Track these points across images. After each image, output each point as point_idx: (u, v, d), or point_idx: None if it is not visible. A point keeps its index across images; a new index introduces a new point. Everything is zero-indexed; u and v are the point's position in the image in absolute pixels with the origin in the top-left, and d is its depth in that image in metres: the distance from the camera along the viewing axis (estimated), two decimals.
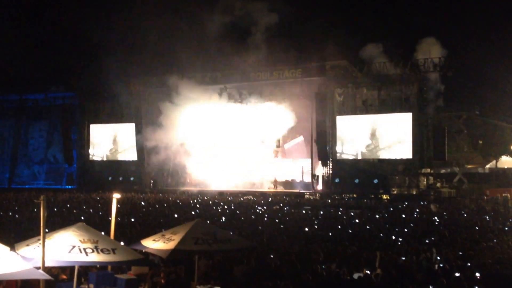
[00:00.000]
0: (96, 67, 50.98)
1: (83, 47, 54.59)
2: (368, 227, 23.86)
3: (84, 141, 59.54)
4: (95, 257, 11.60)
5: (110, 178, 55.28)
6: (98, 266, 13.57)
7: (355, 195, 44.29)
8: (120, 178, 55.06)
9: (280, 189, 49.24)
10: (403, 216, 28.79)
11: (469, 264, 15.18)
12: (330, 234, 21.53)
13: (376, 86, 47.16)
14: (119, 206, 15.93)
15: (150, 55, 49.78)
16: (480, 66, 44.76)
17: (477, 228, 23.34)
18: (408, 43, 46.26)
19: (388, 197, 43.29)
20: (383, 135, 46.59)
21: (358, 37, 46.81)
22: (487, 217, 28.20)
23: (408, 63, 45.49)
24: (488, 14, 48.67)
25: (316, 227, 23.95)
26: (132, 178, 54.81)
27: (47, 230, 11.27)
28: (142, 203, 36.35)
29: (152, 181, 54.64)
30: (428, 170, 45.84)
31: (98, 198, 39.64)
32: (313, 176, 49.52)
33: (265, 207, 33.69)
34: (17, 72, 59.35)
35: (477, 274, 13.41)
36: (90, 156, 59.44)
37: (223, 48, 47.58)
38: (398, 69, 46.04)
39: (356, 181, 46.49)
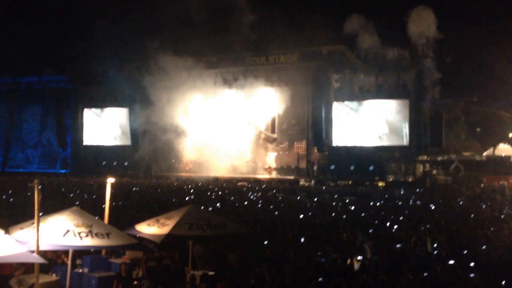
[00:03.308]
0: (90, 51, 50.64)
1: (77, 30, 54.19)
2: (363, 214, 23.81)
3: (78, 125, 59.20)
4: (89, 241, 11.58)
5: (104, 163, 55.03)
6: (92, 250, 13.52)
7: (350, 182, 44.17)
8: (114, 163, 54.82)
9: (275, 175, 49.14)
10: (399, 203, 28.76)
11: (464, 251, 15.15)
12: (325, 220, 21.48)
13: (373, 71, 46.86)
14: (113, 191, 15.83)
15: (145, 39, 49.48)
16: (479, 53, 44.62)
17: (473, 216, 23.28)
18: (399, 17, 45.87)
19: (384, 184, 43.21)
20: (380, 121, 46.31)
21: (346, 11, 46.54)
22: (484, 205, 28.16)
23: (407, 48, 45.27)
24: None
25: (310, 213, 23.89)
26: (126, 163, 54.60)
27: (41, 214, 11.19)
28: (136, 188, 36.25)
29: (146, 166, 54.47)
30: (425, 157, 45.69)
31: (92, 182, 39.52)
32: (309, 162, 49.38)
33: (259, 194, 33.63)
34: (10, 55, 58.79)
35: (472, 264, 13.34)
36: (84, 141, 59.17)
37: (218, 31, 47.43)
38: (396, 51, 45.71)
39: (352, 167, 46.25)
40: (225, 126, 50.81)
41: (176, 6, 46.81)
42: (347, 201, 29.87)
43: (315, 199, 30.65)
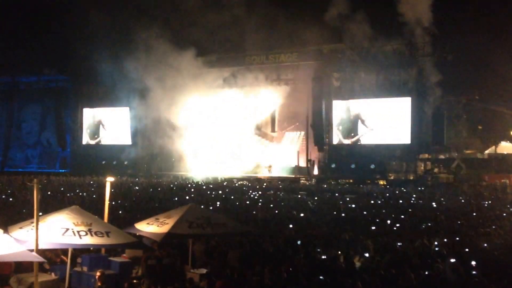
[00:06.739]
0: (89, 50, 50.52)
1: (76, 30, 53.91)
2: (364, 212, 23.72)
3: (77, 125, 59.27)
4: (88, 240, 11.58)
5: (103, 162, 54.98)
6: (91, 249, 13.49)
7: (351, 181, 44.01)
8: (114, 162, 54.76)
9: (275, 174, 49.03)
10: (400, 201, 28.67)
11: (466, 250, 15.06)
12: (326, 219, 21.39)
13: (374, 70, 46.71)
14: (112, 190, 15.80)
15: (145, 38, 49.36)
16: (480, 50, 44.25)
17: (474, 214, 23.21)
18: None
19: (385, 183, 43.06)
20: (381, 120, 46.16)
21: None
22: (485, 203, 28.08)
23: (408, 46, 45.07)
24: None
25: (311, 212, 23.80)
26: (125, 162, 54.54)
27: (40, 214, 11.15)
28: (136, 187, 36.20)
29: (145, 165, 54.44)
30: (426, 155, 45.50)
31: (91, 182, 39.48)
32: (309, 161, 49.32)
33: (259, 192, 33.55)
34: (10, 55, 58.68)
35: (474, 262, 13.25)
36: (84, 140, 59.17)
37: (218, 30, 47.32)
38: (396, 49, 45.49)
39: (353, 166, 46.13)
40: (225, 124, 50.81)
41: (177, 5, 46.74)
42: (348, 199, 29.79)
43: (316, 198, 30.57)
